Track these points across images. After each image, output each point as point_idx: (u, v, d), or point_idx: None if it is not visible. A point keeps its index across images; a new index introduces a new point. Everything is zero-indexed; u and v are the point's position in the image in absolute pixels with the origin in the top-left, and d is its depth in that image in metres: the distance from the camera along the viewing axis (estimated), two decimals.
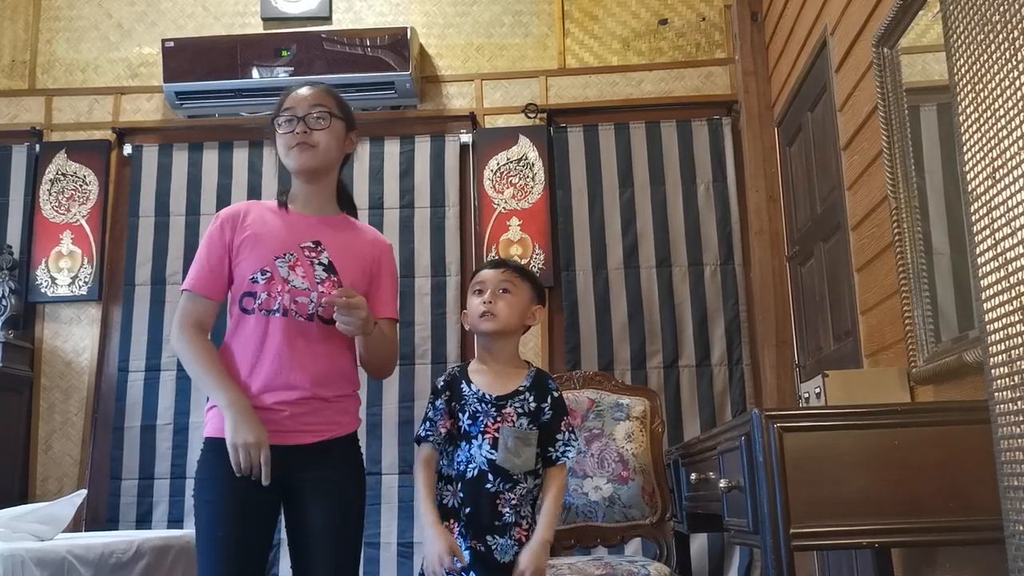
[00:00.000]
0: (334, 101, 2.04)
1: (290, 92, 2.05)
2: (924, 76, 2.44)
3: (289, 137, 1.98)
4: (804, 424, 1.86)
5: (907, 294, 2.38)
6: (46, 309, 4.17)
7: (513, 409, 2.00)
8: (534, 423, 2.01)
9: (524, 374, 2.07)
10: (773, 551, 1.77)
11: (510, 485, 1.96)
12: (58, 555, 2.25)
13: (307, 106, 1.99)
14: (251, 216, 2.01)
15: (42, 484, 4.00)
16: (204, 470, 1.91)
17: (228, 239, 1.97)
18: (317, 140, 1.98)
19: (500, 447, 1.96)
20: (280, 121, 2.00)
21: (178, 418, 3.99)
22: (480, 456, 1.97)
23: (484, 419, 1.99)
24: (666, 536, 2.79)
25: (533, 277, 2.16)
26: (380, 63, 4.10)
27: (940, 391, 2.24)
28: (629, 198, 4.09)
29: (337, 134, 2.02)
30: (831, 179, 3.11)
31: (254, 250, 1.95)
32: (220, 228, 1.99)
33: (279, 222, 2.01)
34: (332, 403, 1.96)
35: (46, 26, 4.47)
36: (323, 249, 1.98)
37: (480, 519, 1.96)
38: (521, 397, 2.02)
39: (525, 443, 1.98)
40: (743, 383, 3.90)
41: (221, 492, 1.86)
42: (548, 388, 2.06)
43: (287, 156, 2.00)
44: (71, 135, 4.33)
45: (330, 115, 2.00)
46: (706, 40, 4.28)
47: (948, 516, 1.78)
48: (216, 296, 1.98)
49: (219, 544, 1.83)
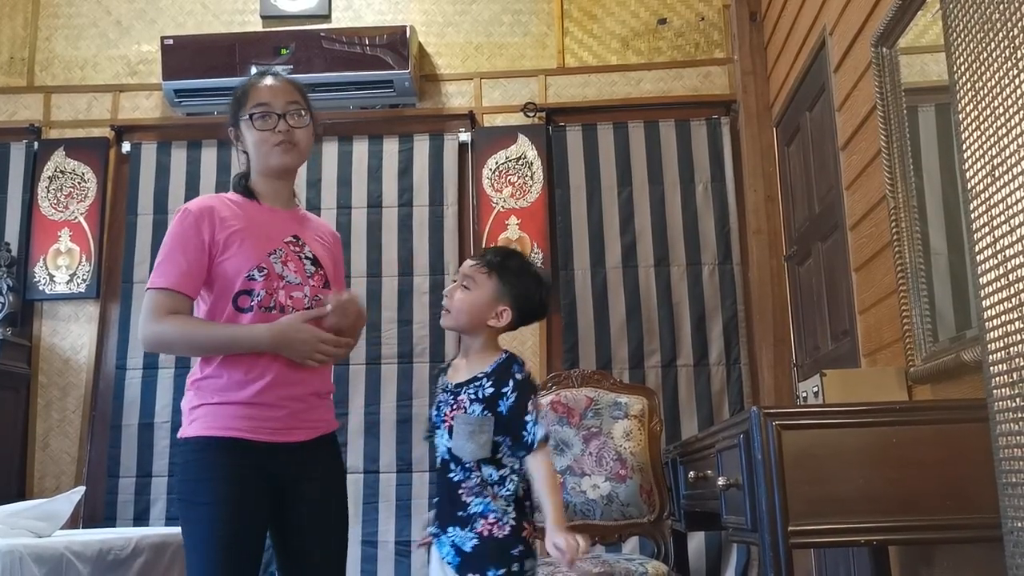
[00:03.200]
0: (303, 95, 2.01)
1: (255, 84, 1.98)
2: (923, 76, 2.45)
3: (270, 135, 1.93)
4: (803, 422, 1.86)
5: (905, 294, 2.39)
6: (44, 306, 4.17)
7: (467, 396, 1.92)
8: (490, 410, 1.91)
9: (491, 361, 1.96)
10: (772, 549, 1.78)
11: (467, 474, 1.90)
12: (56, 551, 2.25)
13: (284, 102, 1.95)
14: (226, 211, 1.93)
15: (39, 481, 4.00)
16: (196, 471, 1.84)
17: (208, 236, 1.89)
18: (299, 139, 1.96)
19: (454, 434, 1.91)
20: (254, 116, 1.94)
21: (176, 416, 3.98)
22: (442, 445, 1.94)
23: (444, 408, 1.95)
24: (664, 534, 2.79)
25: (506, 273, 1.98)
26: (379, 62, 4.10)
27: (938, 390, 2.25)
28: (627, 197, 4.09)
29: (310, 131, 2.00)
30: (829, 179, 3.12)
31: (244, 246, 1.89)
32: (195, 224, 1.89)
33: (262, 217, 1.96)
34: (324, 399, 1.98)
35: (45, 23, 4.46)
36: (304, 243, 1.98)
37: (446, 508, 1.91)
38: (476, 383, 1.93)
39: (478, 429, 1.88)
40: (741, 382, 3.91)
41: (217, 493, 1.81)
42: (511, 372, 1.94)
43: (268, 154, 1.94)
44: (69, 132, 4.33)
45: (306, 111, 1.99)
46: (705, 40, 4.29)
47: (945, 514, 1.78)
48: (194, 294, 1.90)
49: (217, 545, 1.79)
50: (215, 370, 1.88)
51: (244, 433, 1.84)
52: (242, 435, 1.84)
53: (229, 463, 1.82)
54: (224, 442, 1.83)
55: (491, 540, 1.86)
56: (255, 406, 1.85)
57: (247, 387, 1.86)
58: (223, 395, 1.86)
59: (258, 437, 1.85)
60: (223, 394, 1.86)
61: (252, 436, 1.84)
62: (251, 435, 1.84)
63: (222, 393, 1.86)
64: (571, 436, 2.83)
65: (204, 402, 1.87)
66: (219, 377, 1.87)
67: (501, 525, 1.88)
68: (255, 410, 1.85)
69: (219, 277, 1.89)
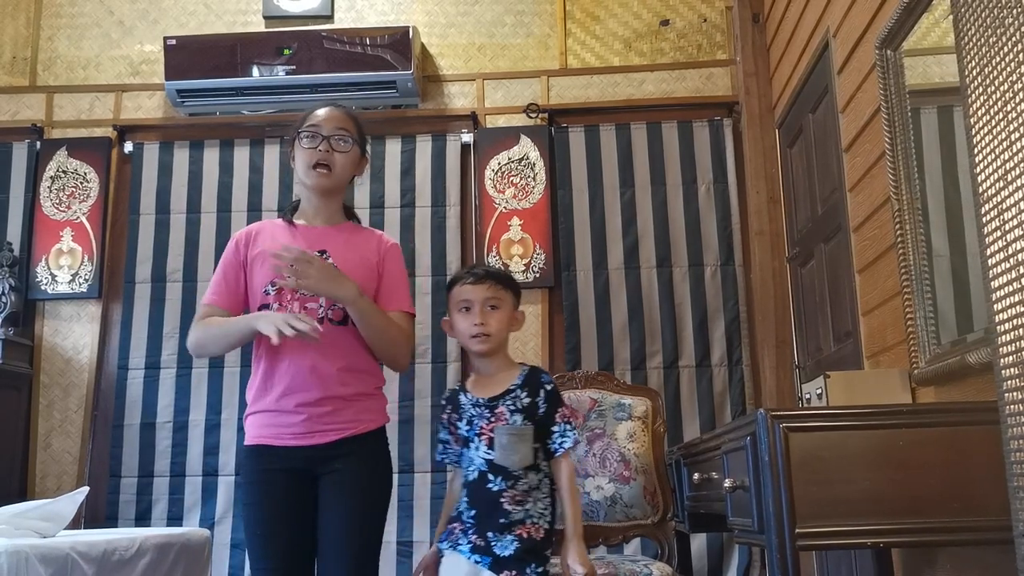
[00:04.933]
0: (356, 127, 2.17)
1: (314, 109, 2.17)
2: (926, 78, 2.45)
3: (311, 153, 2.09)
4: (809, 424, 1.86)
5: (909, 296, 2.39)
6: (46, 306, 4.17)
7: (505, 408, 2.03)
8: (529, 419, 2.02)
9: (517, 374, 2.09)
10: (779, 551, 1.78)
11: (511, 482, 1.98)
12: (61, 552, 2.25)
13: (332, 127, 2.11)
14: (262, 235, 2.15)
15: (41, 481, 4.00)
16: (242, 475, 2.09)
17: (242, 256, 2.13)
18: (336, 161, 2.11)
19: (496, 446, 1.98)
20: (303, 136, 2.10)
21: (177, 416, 3.99)
22: (478, 458, 2.01)
23: (479, 422, 2.03)
24: (667, 536, 2.79)
25: (513, 284, 2.18)
26: (381, 62, 4.11)
27: (942, 392, 2.26)
28: (630, 198, 4.10)
29: (353, 158, 2.15)
30: (832, 180, 3.12)
31: (264, 265, 2.07)
32: (235, 247, 2.14)
33: (287, 237, 2.12)
34: (351, 401, 2.03)
35: (47, 23, 4.46)
36: (328, 256, 2.07)
37: (483, 520, 1.97)
38: (512, 395, 2.04)
39: (520, 439, 1.99)
40: (743, 384, 3.91)
41: (256, 495, 2.01)
42: (541, 382, 2.08)
43: (307, 174, 2.11)
44: (72, 132, 4.33)
45: (352, 140, 2.13)
46: (707, 41, 4.29)
47: (951, 516, 1.79)
48: (233, 308, 2.11)
49: (258, 543, 2.00)
50: (250, 382, 2.09)
51: (270, 440, 2.02)
52: (269, 441, 2.02)
53: (261, 468, 2.01)
54: (257, 449, 2.03)
55: (530, 541, 1.97)
56: (277, 413, 2.00)
57: (267, 396, 2.03)
58: (254, 405, 2.07)
59: (282, 442, 2.01)
60: (254, 404, 2.07)
61: (276, 442, 2.01)
62: (276, 441, 2.01)
63: (253, 403, 2.07)
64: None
65: (247, 412, 2.09)
66: (251, 389, 2.08)
67: (538, 528, 2.00)
68: (279, 417, 2.00)
69: (250, 293, 2.12)
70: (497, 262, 4.01)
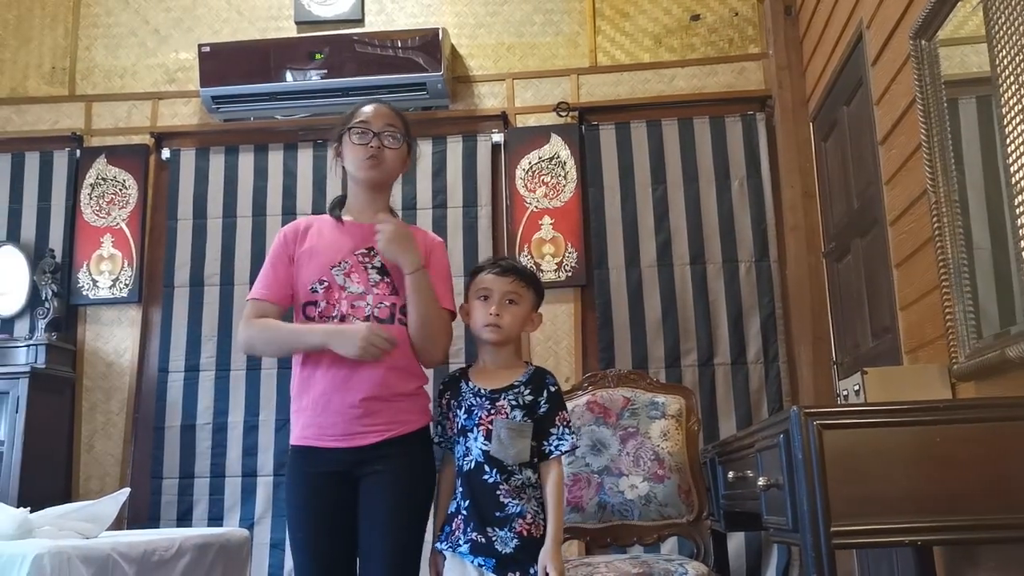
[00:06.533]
0: (404, 124, 2.18)
1: (361, 106, 2.17)
2: (963, 68, 2.41)
3: (363, 149, 2.09)
4: (844, 421, 1.84)
5: (948, 290, 2.35)
6: (88, 311, 4.25)
7: (507, 402, 2.03)
8: (529, 416, 2.02)
9: (522, 371, 2.10)
10: (813, 549, 1.76)
11: (506, 476, 1.98)
12: (103, 552, 2.28)
13: (382, 124, 2.12)
14: (311, 230, 2.14)
15: (85, 483, 4.08)
16: (287, 475, 2.09)
17: (291, 251, 2.11)
18: (387, 157, 2.11)
19: (493, 438, 1.98)
20: (354, 132, 2.11)
21: (217, 418, 4.05)
22: (476, 448, 2.00)
23: (479, 412, 2.03)
24: (703, 535, 2.77)
25: (538, 283, 2.18)
26: (412, 64, 4.13)
27: (982, 387, 2.21)
28: (662, 195, 4.07)
29: (402, 155, 2.17)
30: (868, 174, 3.07)
31: (311, 262, 2.08)
32: (283, 240, 2.13)
33: (336, 234, 2.12)
34: (392, 402, 2.02)
35: (85, 33, 4.55)
36: (376, 254, 2.08)
37: (480, 511, 1.96)
38: (516, 390, 2.04)
39: (519, 434, 1.99)
40: (779, 380, 3.87)
41: (297, 496, 2.03)
42: (545, 383, 2.08)
43: (359, 167, 2.11)
44: (110, 140, 4.41)
45: (401, 136, 2.14)
46: (739, 35, 4.25)
47: (991, 514, 1.76)
48: (281, 302, 2.09)
49: (299, 545, 2.01)
50: (293, 382, 2.08)
51: (313, 440, 2.01)
52: (312, 442, 2.01)
53: (304, 470, 2.02)
54: (302, 450, 2.03)
55: (531, 539, 1.96)
56: (318, 413, 2.00)
57: (307, 396, 2.03)
58: (296, 404, 2.07)
59: (324, 444, 2.00)
60: (296, 403, 2.07)
61: (319, 443, 2.00)
62: (318, 442, 2.00)
63: (296, 402, 2.07)
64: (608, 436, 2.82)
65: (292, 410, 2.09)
66: (294, 389, 2.08)
67: (538, 525, 1.98)
68: (320, 417, 2.00)
69: (296, 290, 2.09)
70: (529, 261, 4.01)
